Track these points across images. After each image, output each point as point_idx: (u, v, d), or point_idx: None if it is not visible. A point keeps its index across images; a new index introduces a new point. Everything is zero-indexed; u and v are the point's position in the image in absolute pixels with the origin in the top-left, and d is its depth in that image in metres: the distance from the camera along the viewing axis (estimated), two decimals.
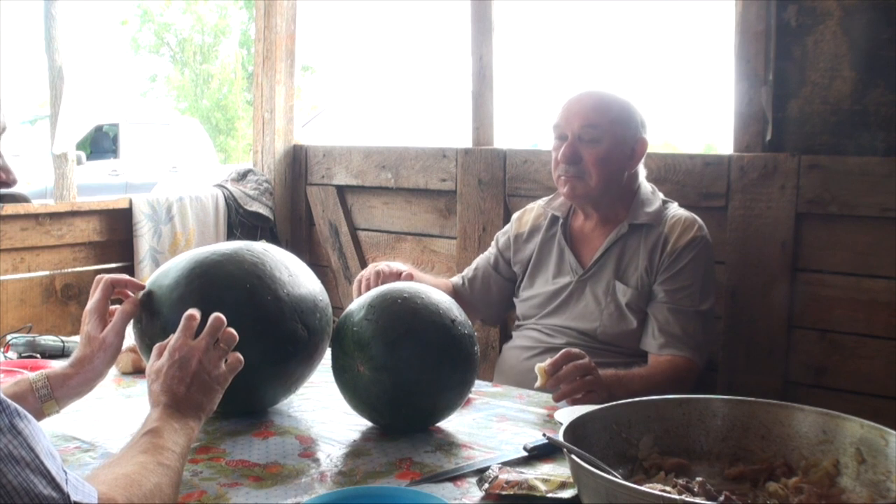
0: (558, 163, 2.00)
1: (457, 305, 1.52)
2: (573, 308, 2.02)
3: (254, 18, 3.93)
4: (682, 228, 1.96)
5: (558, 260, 2.09)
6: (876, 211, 2.09)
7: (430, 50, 26.32)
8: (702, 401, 1.26)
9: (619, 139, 1.97)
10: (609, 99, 2.01)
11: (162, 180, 10.64)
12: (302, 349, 1.48)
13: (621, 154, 1.98)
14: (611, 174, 1.97)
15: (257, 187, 3.35)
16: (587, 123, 1.95)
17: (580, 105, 1.99)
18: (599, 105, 1.99)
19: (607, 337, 1.97)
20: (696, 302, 1.93)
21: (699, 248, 1.95)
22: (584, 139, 1.96)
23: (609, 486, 0.99)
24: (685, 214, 2.01)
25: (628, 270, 1.98)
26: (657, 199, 2.05)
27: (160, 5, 19.93)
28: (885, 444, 1.10)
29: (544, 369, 1.61)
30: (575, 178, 1.97)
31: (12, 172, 0.96)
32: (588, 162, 1.95)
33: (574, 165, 1.96)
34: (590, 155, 1.95)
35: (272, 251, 1.54)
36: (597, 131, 1.95)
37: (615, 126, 1.97)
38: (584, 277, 2.02)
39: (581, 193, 1.99)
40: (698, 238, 1.96)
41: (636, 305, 1.95)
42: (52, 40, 8.87)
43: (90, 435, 1.44)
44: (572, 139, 1.97)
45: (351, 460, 1.36)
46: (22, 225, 2.81)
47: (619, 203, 2.03)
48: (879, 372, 2.12)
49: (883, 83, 2.10)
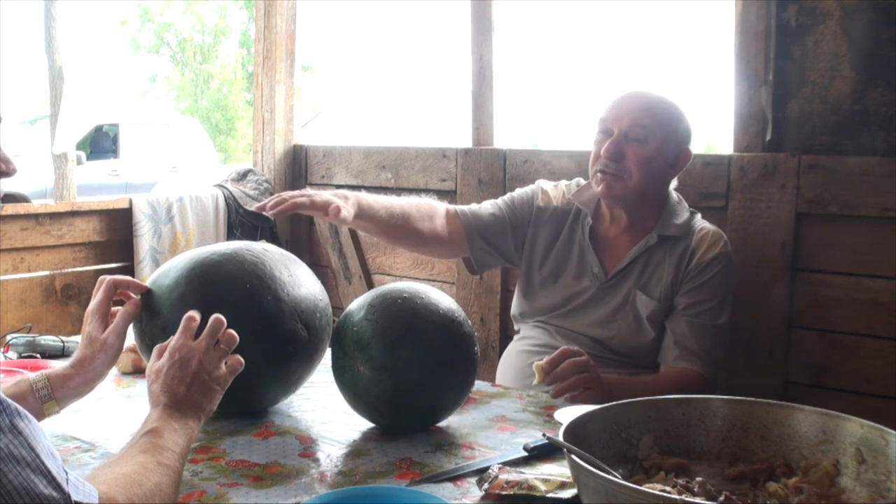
0: (598, 157, 1.92)
1: (457, 305, 1.52)
2: (590, 314, 1.96)
3: (254, 18, 3.93)
4: (710, 243, 1.92)
5: (579, 260, 2.01)
6: (876, 211, 2.09)
7: (430, 50, 26.32)
8: (701, 401, 1.27)
9: (664, 144, 1.91)
10: (662, 102, 1.95)
11: (162, 180, 10.65)
12: (302, 349, 1.48)
13: (664, 160, 1.92)
14: (651, 179, 1.91)
15: (257, 187, 3.35)
16: (636, 122, 1.89)
17: (633, 103, 1.93)
18: (652, 106, 1.93)
19: (622, 347, 1.93)
20: (714, 317, 1.90)
21: (724, 263, 1.92)
22: (630, 137, 1.89)
23: (609, 486, 0.99)
24: (712, 229, 1.97)
25: (651, 281, 1.93)
26: (684, 210, 1.99)
27: (160, 5, 19.95)
28: (886, 444, 1.10)
29: (541, 366, 1.62)
30: (614, 176, 1.90)
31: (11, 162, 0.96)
32: (631, 161, 1.89)
33: (616, 163, 1.89)
34: (634, 154, 1.89)
35: (272, 251, 1.54)
36: (645, 132, 1.89)
37: (664, 130, 1.91)
38: (606, 285, 1.96)
39: (618, 193, 1.92)
40: (723, 254, 1.93)
41: (656, 318, 1.91)
42: (52, 40, 8.87)
43: (90, 435, 1.44)
44: (618, 135, 1.90)
45: (351, 460, 1.36)
46: (22, 225, 2.81)
47: (650, 211, 1.97)
48: (879, 372, 2.12)
49: (883, 83, 2.10)
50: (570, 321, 1.99)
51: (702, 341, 1.87)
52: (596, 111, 2.01)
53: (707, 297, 1.89)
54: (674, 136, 1.93)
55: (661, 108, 1.94)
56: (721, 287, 1.91)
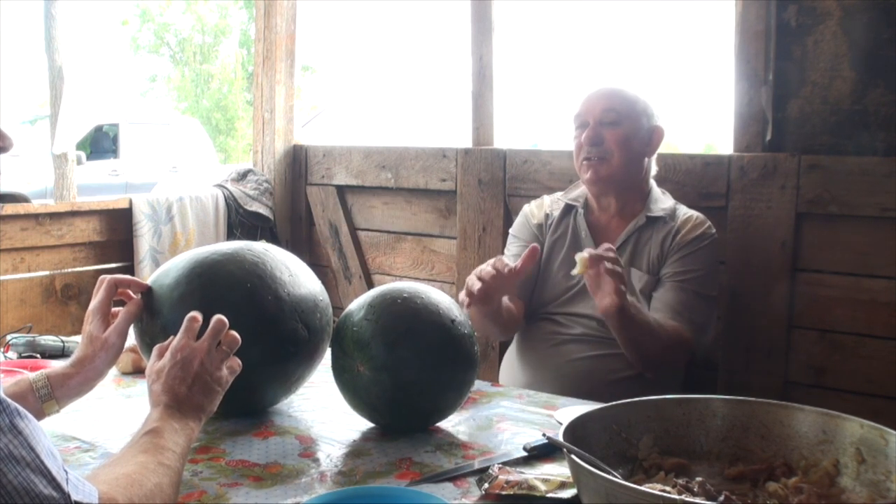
0: (581, 147, 2.08)
1: (457, 305, 1.52)
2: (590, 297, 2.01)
3: (254, 18, 3.93)
4: (694, 224, 2.05)
5: (573, 249, 2.10)
6: (876, 211, 2.09)
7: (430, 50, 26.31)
8: (702, 401, 1.26)
9: (637, 123, 2.07)
10: (626, 89, 2.12)
11: (162, 180, 10.64)
12: (302, 349, 1.48)
13: (640, 139, 2.07)
14: (632, 157, 2.06)
15: (257, 187, 3.35)
16: (607, 108, 2.06)
17: (600, 93, 2.11)
18: (618, 92, 2.10)
19: None
20: (699, 286, 2.00)
21: (707, 241, 2.04)
22: (605, 122, 2.05)
23: (609, 486, 0.99)
24: (698, 214, 2.10)
25: (641, 258, 2.05)
26: (669, 199, 2.14)
27: (160, 5, 19.94)
28: (885, 444, 1.10)
29: (585, 259, 1.73)
30: (598, 159, 2.05)
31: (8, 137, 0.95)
32: (610, 142, 2.04)
33: (597, 147, 2.04)
34: (612, 135, 2.04)
35: (273, 251, 1.54)
36: (616, 114, 2.05)
37: (634, 111, 2.07)
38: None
39: (604, 175, 2.05)
40: (708, 234, 2.05)
41: (649, 291, 2.02)
42: (52, 40, 8.87)
43: (90, 435, 1.44)
44: (594, 123, 2.06)
45: (351, 460, 1.36)
46: (22, 225, 2.81)
47: (636, 195, 2.11)
48: (879, 372, 2.12)
49: (883, 83, 2.10)
50: (573, 306, 2.08)
51: (687, 303, 1.98)
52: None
53: (692, 268, 2.01)
54: (643, 114, 2.09)
55: (626, 93, 2.11)
56: (706, 261, 2.03)
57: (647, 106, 2.11)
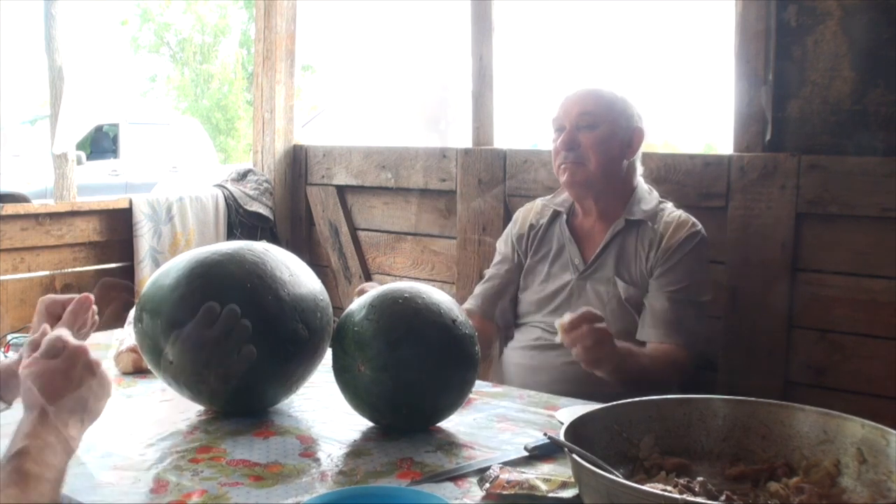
0: (558, 152, 2.04)
1: (458, 305, 1.53)
2: (575, 305, 2.01)
3: (254, 18, 3.93)
4: (676, 226, 2.00)
5: (561, 256, 2.10)
6: (876, 211, 2.09)
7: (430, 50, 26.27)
8: (702, 401, 1.27)
9: (615, 126, 2.02)
10: (605, 90, 2.07)
11: (162, 180, 10.63)
12: (303, 349, 1.48)
13: (619, 141, 2.03)
14: (609, 160, 2.01)
15: (257, 187, 3.35)
16: (583, 111, 2.02)
17: (577, 96, 2.06)
18: (595, 94, 2.05)
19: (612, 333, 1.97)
20: (691, 294, 1.96)
21: (693, 243, 1.99)
22: (581, 126, 2.01)
23: (610, 485, 0.99)
24: (680, 213, 2.04)
25: (627, 267, 2.01)
26: (653, 199, 2.09)
27: (160, 5, 19.92)
28: (886, 444, 1.10)
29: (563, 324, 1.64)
30: (574, 163, 2.01)
31: None
32: (586, 146, 2.00)
33: (573, 151, 2.01)
34: (587, 139, 2.00)
35: (273, 251, 1.54)
36: (593, 118, 2.01)
37: (611, 113, 2.03)
38: (586, 274, 2.04)
39: (580, 179, 2.02)
40: (693, 234, 1.99)
41: (635, 302, 1.98)
42: (52, 40, 8.85)
43: (90, 435, 1.43)
44: (570, 128, 2.02)
45: (351, 460, 1.36)
46: (22, 225, 2.81)
47: (618, 198, 2.06)
48: (879, 372, 2.12)
49: (883, 83, 2.10)
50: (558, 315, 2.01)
51: (678, 314, 1.93)
52: None
53: (681, 278, 1.96)
54: (622, 117, 2.04)
55: (605, 94, 2.06)
56: (694, 267, 1.98)
57: (627, 107, 2.06)
